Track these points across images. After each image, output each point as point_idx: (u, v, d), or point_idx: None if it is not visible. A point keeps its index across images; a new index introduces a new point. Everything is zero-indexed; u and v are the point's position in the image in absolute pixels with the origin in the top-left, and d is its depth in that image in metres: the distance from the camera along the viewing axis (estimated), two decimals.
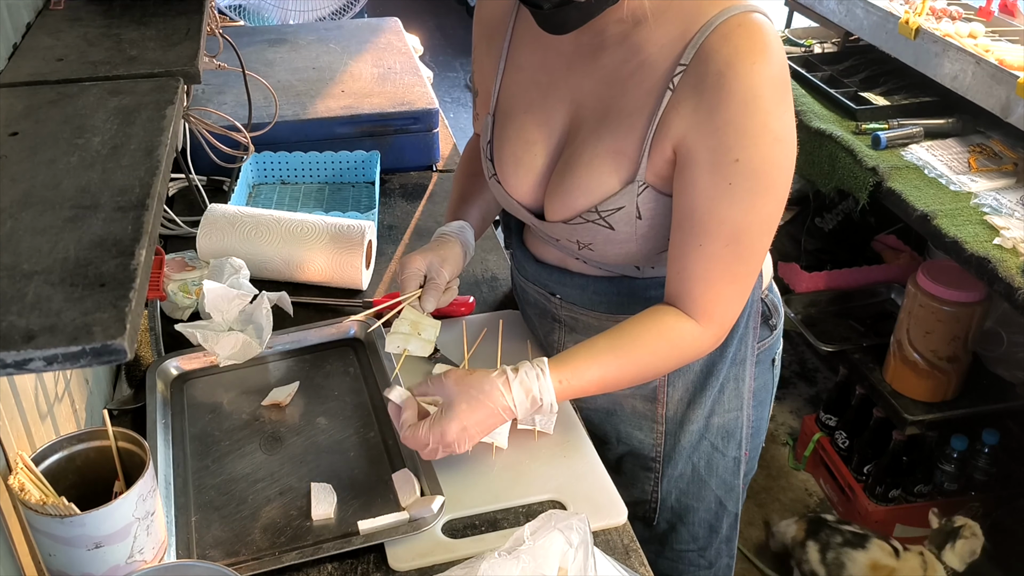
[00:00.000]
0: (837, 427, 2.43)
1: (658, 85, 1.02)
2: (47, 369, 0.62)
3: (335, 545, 1.03)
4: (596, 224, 1.10)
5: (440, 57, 5.43)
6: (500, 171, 1.20)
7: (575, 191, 1.10)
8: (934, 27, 2.12)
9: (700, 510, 1.33)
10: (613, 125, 1.06)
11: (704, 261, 1.04)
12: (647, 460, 1.30)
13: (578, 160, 1.09)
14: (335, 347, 1.38)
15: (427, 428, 1.04)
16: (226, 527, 1.08)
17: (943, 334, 2.05)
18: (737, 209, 1.01)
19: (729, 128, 0.97)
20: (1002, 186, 1.97)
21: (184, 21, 1.18)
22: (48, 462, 0.96)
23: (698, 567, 1.38)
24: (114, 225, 0.74)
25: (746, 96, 0.96)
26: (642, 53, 1.03)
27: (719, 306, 1.07)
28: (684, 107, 1.00)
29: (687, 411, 1.25)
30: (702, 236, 1.03)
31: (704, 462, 1.30)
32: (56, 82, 1.00)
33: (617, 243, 1.11)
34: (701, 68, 0.98)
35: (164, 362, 1.31)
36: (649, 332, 1.08)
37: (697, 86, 0.98)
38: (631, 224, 1.08)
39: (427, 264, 1.21)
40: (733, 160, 0.98)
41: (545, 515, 0.91)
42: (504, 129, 1.19)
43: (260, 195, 1.81)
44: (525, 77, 1.17)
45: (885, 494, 2.25)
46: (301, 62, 2.07)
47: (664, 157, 1.03)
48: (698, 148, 1.00)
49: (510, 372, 1.05)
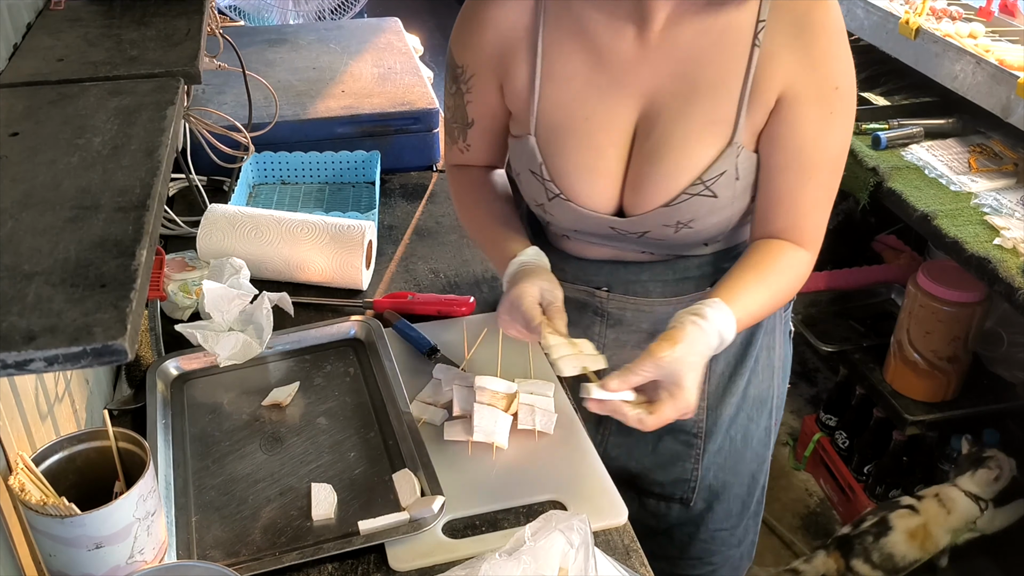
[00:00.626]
0: (837, 427, 2.43)
1: (744, 46, 1.07)
2: (48, 370, 0.62)
3: (335, 545, 1.03)
4: (701, 196, 1.12)
5: (440, 57, 5.41)
6: (567, 187, 1.16)
7: (675, 172, 1.11)
8: (934, 27, 2.12)
9: (735, 485, 1.35)
10: (704, 98, 1.09)
11: (813, 192, 1.12)
12: (689, 437, 1.31)
13: (669, 143, 1.11)
14: (335, 347, 1.38)
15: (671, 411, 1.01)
16: (226, 527, 1.08)
17: (943, 334, 2.05)
18: (838, 135, 1.10)
19: (827, 58, 1.07)
20: (1002, 186, 1.97)
21: (184, 21, 1.18)
22: (48, 462, 0.96)
23: (728, 546, 1.40)
24: (115, 225, 0.74)
25: (833, 26, 1.07)
26: (719, 24, 1.08)
27: (820, 230, 1.16)
28: (780, 54, 1.06)
29: (728, 384, 1.28)
30: (811, 169, 1.10)
31: (741, 434, 1.32)
32: (56, 82, 1.00)
33: (717, 210, 1.14)
34: (788, 15, 1.06)
35: (164, 362, 1.31)
36: (780, 260, 1.14)
37: (789, 31, 1.06)
38: (731, 187, 1.12)
39: (539, 292, 1.13)
40: (834, 88, 1.07)
41: (546, 515, 0.91)
42: (560, 144, 1.15)
43: (260, 195, 1.81)
44: (575, 86, 1.13)
45: (885, 494, 2.25)
46: (301, 62, 2.07)
47: (764, 110, 1.09)
48: (803, 86, 1.07)
49: (700, 322, 1.03)
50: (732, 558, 1.41)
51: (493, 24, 1.16)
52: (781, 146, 1.10)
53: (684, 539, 1.38)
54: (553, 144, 1.16)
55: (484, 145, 1.28)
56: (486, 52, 1.17)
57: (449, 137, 1.30)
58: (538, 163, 1.17)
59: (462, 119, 1.25)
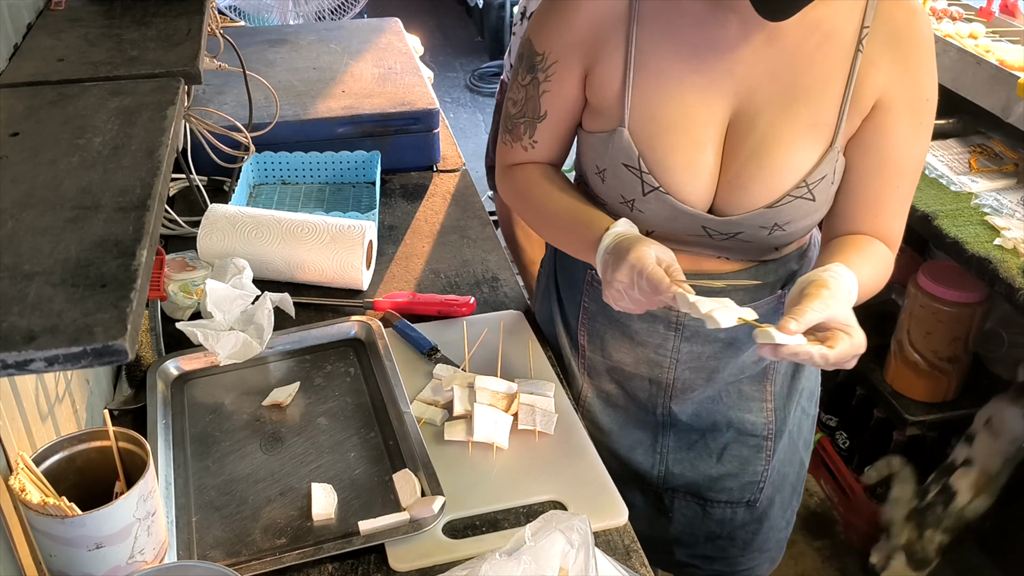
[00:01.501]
0: (838, 427, 2.43)
1: (847, 51, 1.09)
2: (48, 370, 0.62)
3: (335, 545, 1.03)
4: (803, 199, 1.13)
5: (440, 57, 5.43)
6: (668, 181, 1.14)
7: (780, 172, 1.12)
8: (934, 27, 2.12)
9: (790, 475, 1.39)
10: (807, 100, 1.10)
11: (901, 199, 1.15)
12: (759, 440, 1.32)
13: (773, 143, 1.11)
14: (335, 347, 1.38)
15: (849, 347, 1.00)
16: (227, 527, 1.08)
17: (944, 334, 2.05)
18: (924, 143, 1.14)
19: (923, 70, 1.10)
20: (1003, 186, 1.97)
21: (185, 21, 1.18)
22: (49, 462, 0.96)
23: (779, 530, 1.43)
24: (115, 225, 0.74)
25: (928, 39, 1.10)
26: (823, 26, 1.09)
27: (900, 234, 1.19)
28: (880, 62, 1.08)
29: (792, 382, 1.31)
30: (898, 176, 1.13)
31: (796, 427, 1.35)
32: (57, 82, 1.00)
33: (812, 213, 1.16)
34: (888, 24, 1.08)
35: (165, 362, 1.31)
36: (875, 252, 1.15)
37: (889, 40, 1.08)
38: (828, 190, 1.14)
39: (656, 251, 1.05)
40: (925, 99, 1.11)
41: (546, 516, 0.91)
42: (663, 138, 1.13)
43: (261, 195, 1.81)
44: (671, 80, 1.12)
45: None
46: (301, 62, 2.07)
47: (860, 116, 1.11)
48: (899, 94, 1.10)
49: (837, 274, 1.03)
50: (781, 540, 1.45)
51: (585, 11, 1.13)
52: (872, 152, 1.12)
53: (747, 537, 1.40)
54: (652, 137, 1.13)
55: (552, 140, 1.23)
56: (575, 38, 1.14)
57: (510, 135, 1.25)
58: (635, 156, 1.14)
59: (533, 112, 1.21)
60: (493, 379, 1.23)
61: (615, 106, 1.14)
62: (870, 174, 1.14)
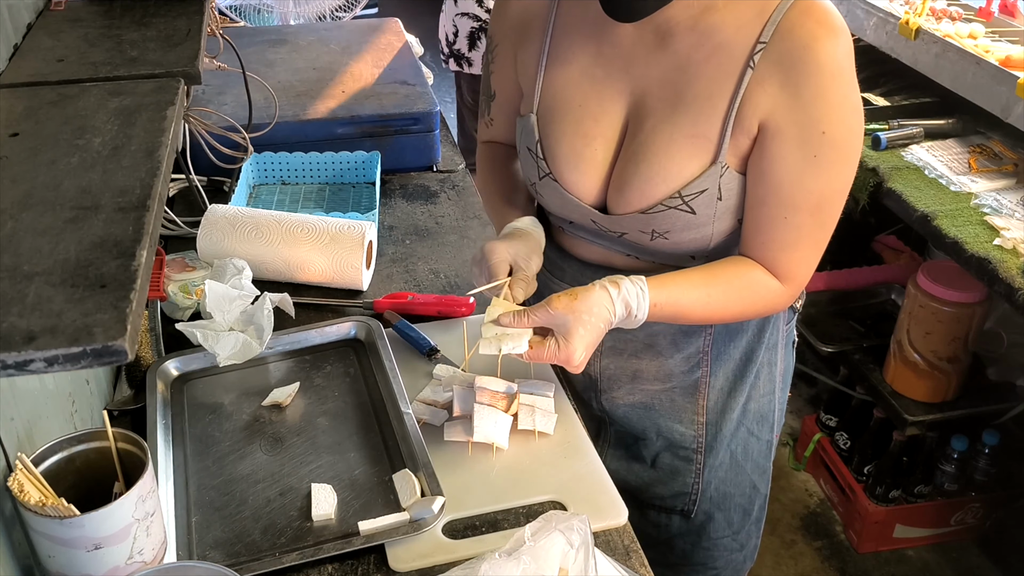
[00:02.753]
0: (837, 427, 2.43)
1: (737, 65, 1.04)
2: (48, 370, 0.62)
3: (335, 546, 1.03)
4: (678, 210, 1.11)
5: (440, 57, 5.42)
6: (557, 169, 1.17)
7: (653, 180, 1.10)
8: (934, 28, 2.12)
9: (736, 496, 1.35)
10: (690, 110, 1.07)
11: (791, 231, 1.09)
12: (688, 452, 1.31)
13: (651, 149, 1.10)
14: (335, 348, 1.38)
15: (553, 350, 1.05)
16: (227, 528, 1.08)
17: (943, 335, 2.05)
18: (822, 180, 1.05)
19: (818, 101, 1.01)
20: (1002, 187, 1.97)
21: (184, 22, 1.18)
22: (47, 463, 0.96)
23: (730, 551, 1.40)
24: (115, 226, 0.74)
25: (832, 69, 1.00)
26: (716, 36, 1.05)
27: (801, 270, 1.13)
28: (769, 83, 1.03)
29: (727, 400, 1.28)
30: (788, 208, 1.07)
31: (741, 448, 1.32)
32: (57, 83, 1.00)
33: (695, 227, 1.12)
34: (784, 44, 1.01)
35: (164, 363, 1.31)
36: (740, 276, 1.12)
37: (782, 61, 1.02)
38: (712, 206, 1.10)
39: (514, 253, 1.15)
40: (820, 132, 1.02)
41: (545, 516, 0.91)
42: (556, 126, 1.17)
43: (260, 196, 1.81)
44: (575, 71, 1.15)
45: (885, 494, 2.25)
46: (301, 62, 2.07)
47: (747, 135, 1.06)
48: (786, 122, 1.03)
49: (611, 288, 1.06)
50: (734, 562, 1.41)
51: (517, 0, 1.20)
52: (761, 178, 1.07)
53: (686, 548, 1.38)
54: (550, 125, 1.17)
55: (503, 118, 1.30)
56: (509, 24, 1.22)
57: (480, 111, 1.34)
58: (535, 141, 1.19)
59: (487, 91, 1.29)
60: (493, 379, 1.23)
61: (531, 92, 1.19)
62: (757, 201, 1.09)
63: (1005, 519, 2.25)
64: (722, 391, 1.27)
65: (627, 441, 1.33)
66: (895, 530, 2.27)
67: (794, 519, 2.42)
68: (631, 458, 1.34)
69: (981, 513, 2.27)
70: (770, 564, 2.28)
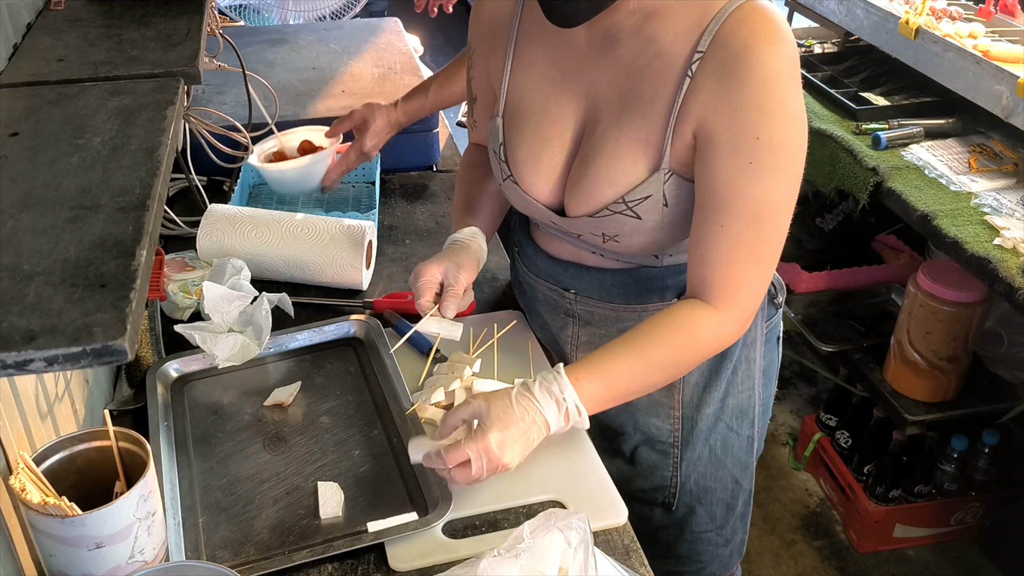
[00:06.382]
0: (837, 427, 2.43)
1: (676, 73, 1.04)
2: (48, 370, 0.62)
3: (346, 543, 1.03)
4: (623, 215, 1.11)
5: (440, 57, 5.42)
6: (517, 172, 1.19)
7: (600, 183, 1.11)
8: (934, 27, 2.12)
9: (717, 490, 1.35)
10: (634, 115, 1.08)
11: (727, 242, 1.05)
12: (665, 446, 1.31)
13: (600, 152, 1.10)
14: (335, 347, 1.38)
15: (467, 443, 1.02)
16: (234, 528, 1.08)
17: (943, 334, 2.05)
18: (758, 187, 1.03)
19: (750, 107, 1.01)
20: (1002, 186, 1.97)
21: (184, 21, 1.18)
22: (49, 462, 0.96)
23: (715, 545, 1.40)
24: (115, 226, 0.74)
25: (765, 76, 1.00)
26: (657, 43, 1.06)
27: (741, 289, 1.08)
28: (704, 91, 1.03)
29: (703, 395, 1.27)
30: (724, 216, 1.04)
31: (720, 443, 1.32)
32: (56, 82, 1.00)
33: (644, 232, 1.12)
34: (719, 52, 1.01)
35: (164, 364, 1.31)
36: (670, 330, 1.09)
37: (716, 70, 1.02)
38: (658, 212, 1.10)
39: (443, 271, 1.20)
40: (754, 138, 1.01)
41: (544, 514, 0.91)
42: (517, 129, 1.19)
43: (260, 195, 1.81)
44: (536, 75, 1.17)
45: (885, 494, 2.25)
46: (301, 62, 2.07)
47: (685, 143, 1.06)
48: (719, 129, 1.02)
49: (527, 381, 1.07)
50: (720, 556, 1.41)
51: (488, 7, 1.24)
52: (698, 185, 1.06)
53: (669, 540, 1.38)
54: (513, 128, 1.19)
55: (483, 121, 1.32)
56: (482, 31, 1.25)
57: (467, 114, 1.36)
58: (499, 143, 1.21)
59: (470, 95, 1.32)
60: (492, 381, 1.23)
61: (499, 95, 1.22)
62: (696, 209, 1.07)
63: (1005, 519, 2.25)
64: (697, 386, 1.27)
65: (608, 435, 1.34)
66: (895, 530, 2.27)
67: (794, 519, 2.42)
68: (613, 452, 1.34)
69: (981, 513, 2.27)
70: (770, 564, 2.28)
